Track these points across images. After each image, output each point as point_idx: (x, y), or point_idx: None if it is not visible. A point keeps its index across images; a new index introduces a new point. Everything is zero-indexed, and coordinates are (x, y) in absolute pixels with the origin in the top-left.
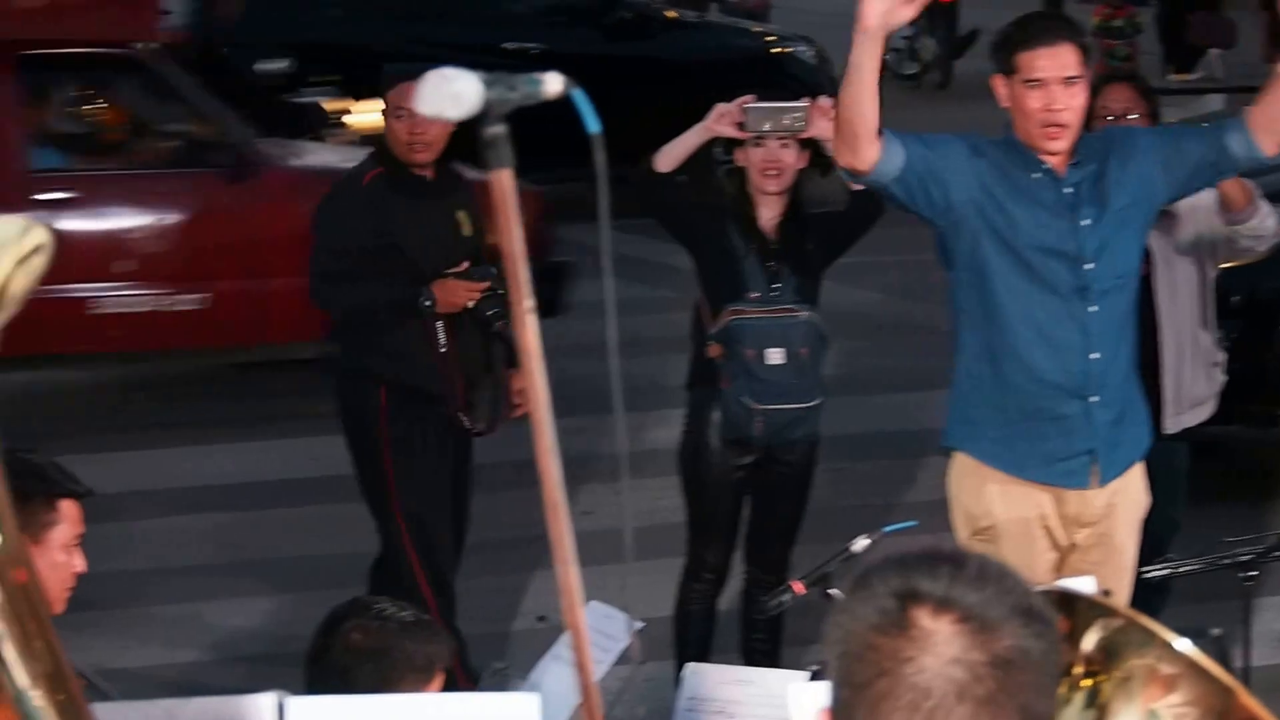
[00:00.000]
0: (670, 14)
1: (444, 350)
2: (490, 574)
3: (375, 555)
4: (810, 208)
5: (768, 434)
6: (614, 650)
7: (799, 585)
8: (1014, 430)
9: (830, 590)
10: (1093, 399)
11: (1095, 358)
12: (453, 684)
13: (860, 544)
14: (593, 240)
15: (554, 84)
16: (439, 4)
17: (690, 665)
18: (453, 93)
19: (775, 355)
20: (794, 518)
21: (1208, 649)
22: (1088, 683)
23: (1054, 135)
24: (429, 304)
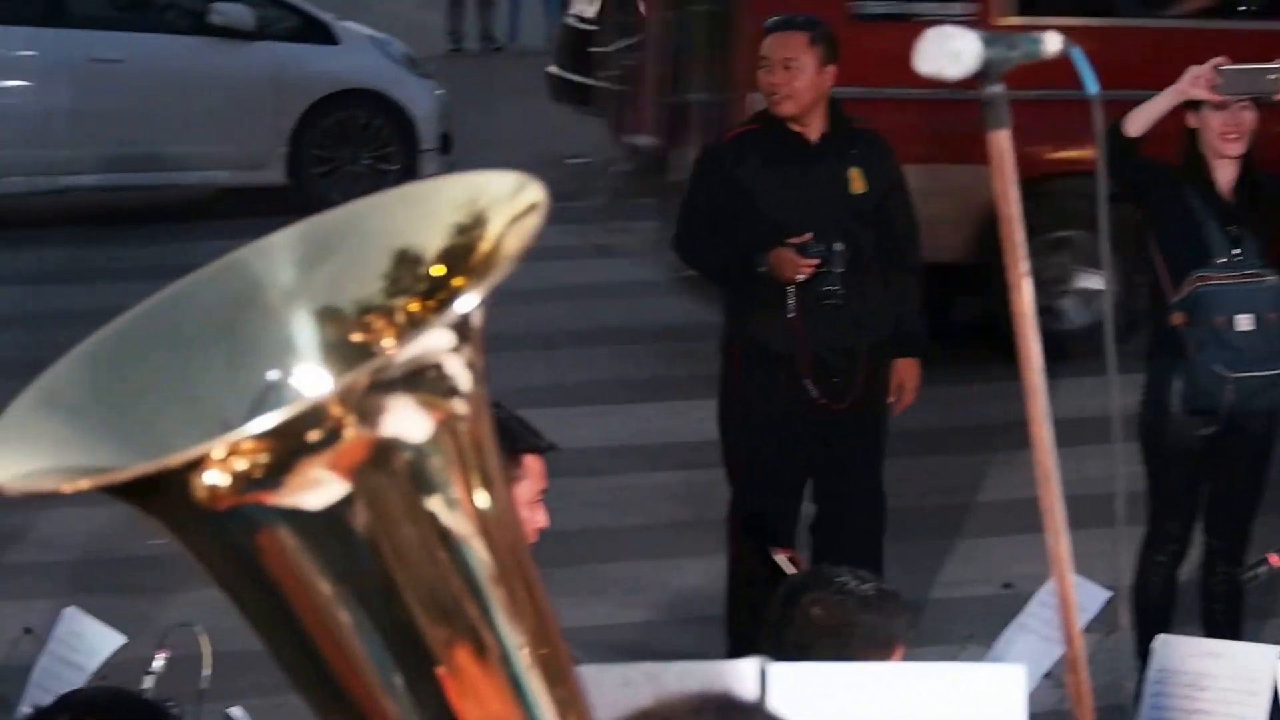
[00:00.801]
0: None
1: (791, 316)
2: (941, 539)
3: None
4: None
5: (1236, 402)
6: (1083, 620)
7: (1275, 558)
8: None
9: None
10: None
11: None
12: None
13: None
14: None
15: (1053, 43)
16: None
17: (1160, 637)
18: (952, 51)
19: (1244, 321)
20: (1256, 488)
21: None
22: None
23: None
24: (764, 270)
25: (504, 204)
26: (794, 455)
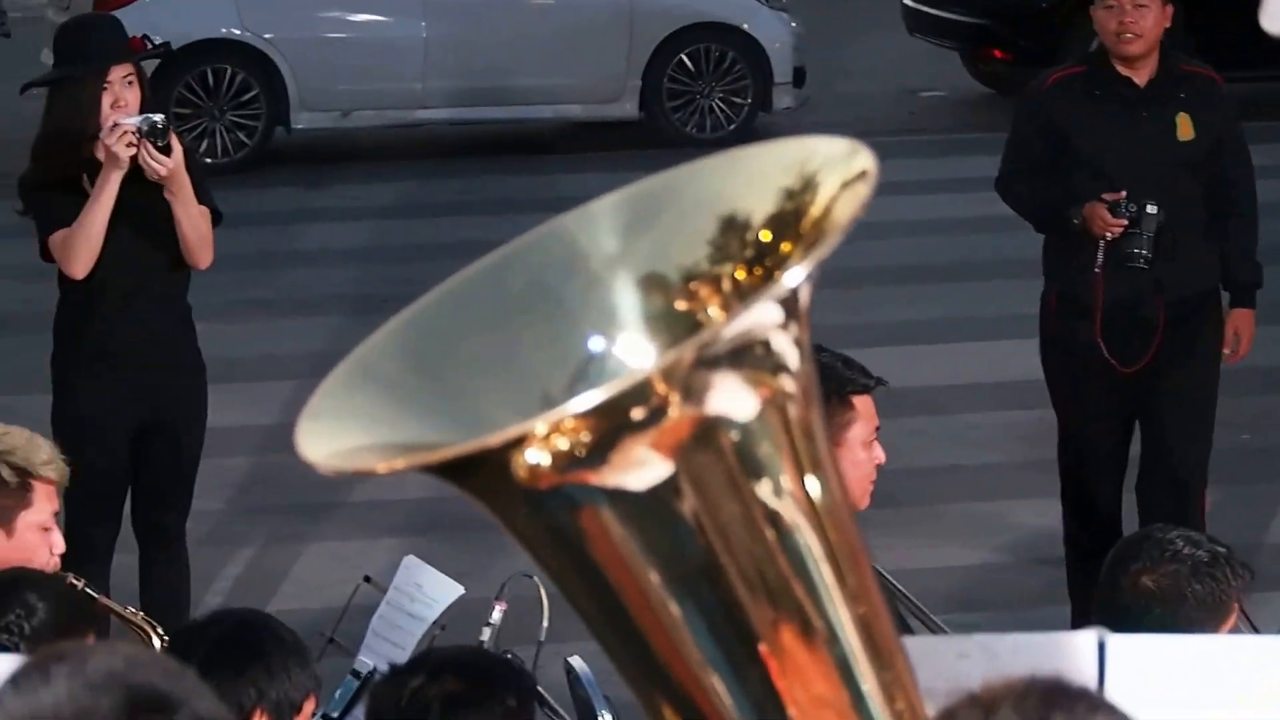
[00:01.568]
0: None
1: (1097, 270)
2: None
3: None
4: None
5: None
6: None
7: None
8: None
9: None
10: None
11: None
12: None
13: None
14: None
15: None
16: None
17: None
18: None
19: None
20: None
21: None
22: None
23: None
24: (1076, 222)
25: (834, 169)
26: (1108, 403)
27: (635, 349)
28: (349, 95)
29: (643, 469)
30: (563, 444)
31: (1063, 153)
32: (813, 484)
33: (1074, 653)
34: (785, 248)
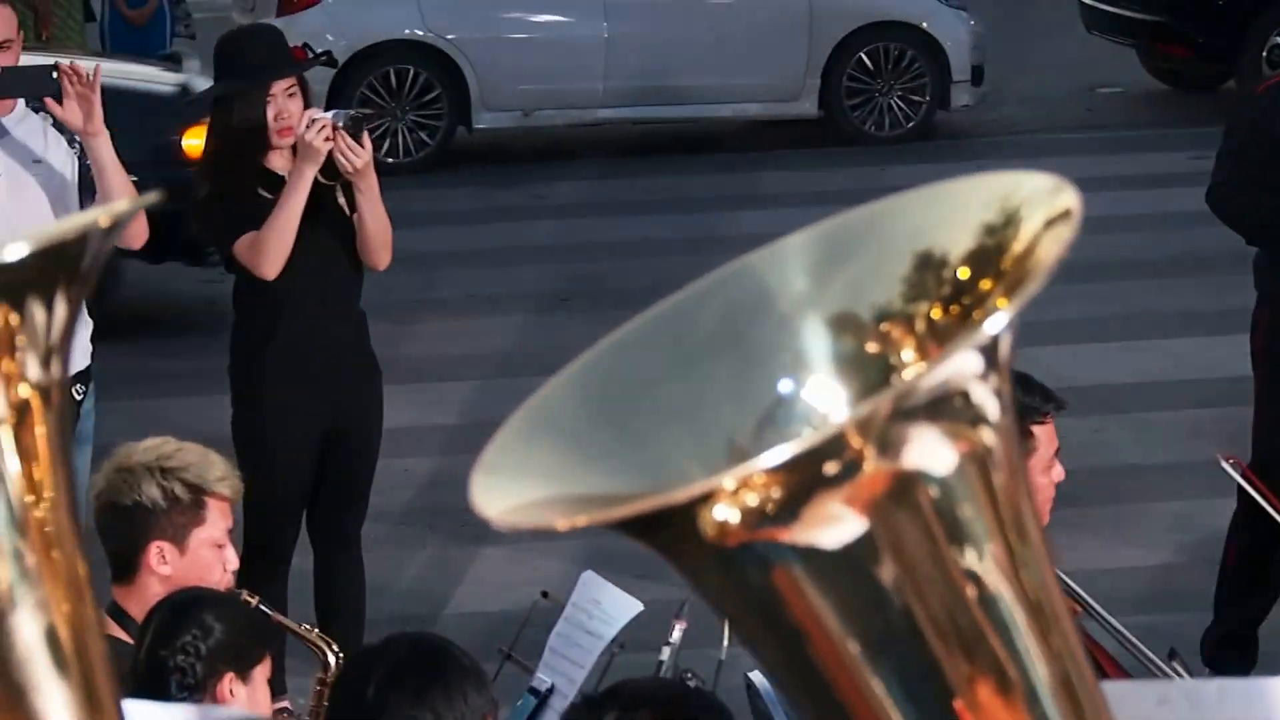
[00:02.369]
0: None
1: None
2: None
3: None
4: None
5: None
6: None
7: None
8: None
9: None
10: None
11: None
12: None
13: None
14: None
15: None
16: None
17: None
18: None
19: None
20: None
21: None
22: None
23: None
24: None
25: (1039, 205)
26: None
27: (826, 394)
28: (530, 95)
29: (836, 526)
30: (752, 499)
31: (1274, 163)
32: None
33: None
34: (985, 285)
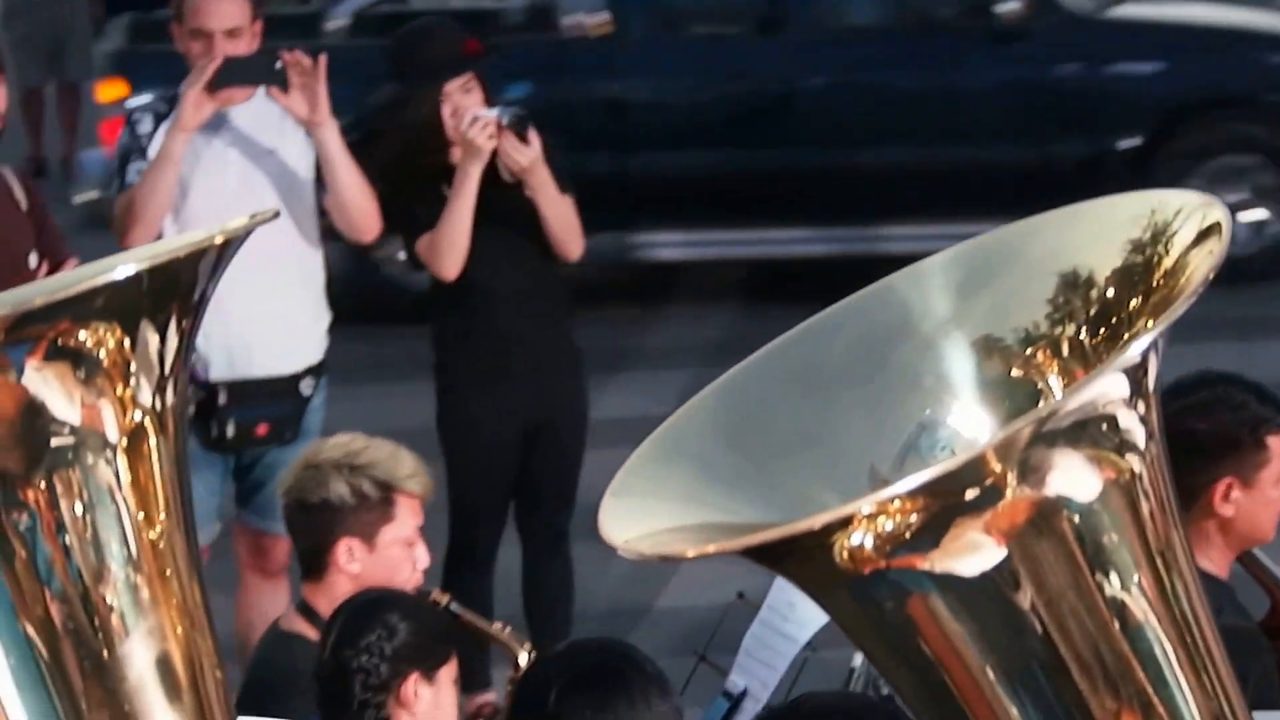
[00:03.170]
0: None
1: None
2: None
3: None
4: None
5: None
6: None
7: None
8: None
9: None
10: None
11: None
12: None
13: None
14: None
15: None
16: None
17: None
18: None
19: None
20: None
21: None
22: None
23: None
24: None
25: (1188, 221)
26: None
27: (970, 420)
28: None
29: (975, 554)
30: (888, 526)
31: None
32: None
33: None
34: (1133, 304)
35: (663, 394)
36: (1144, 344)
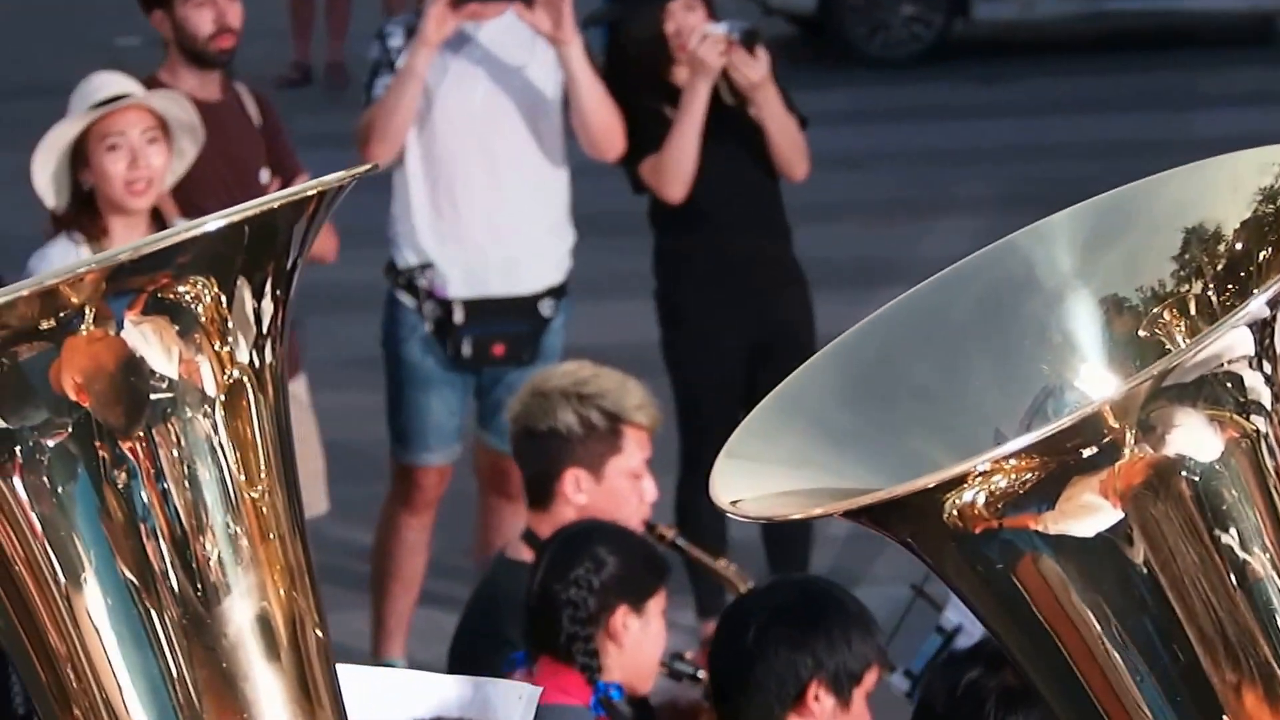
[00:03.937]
0: None
1: None
2: None
3: None
4: None
5: None
6: None
7: None
8: None
9: None
10: None
11: None
12: None
13: None
14: None
15: None
16: None
17: None
18: None
19: None
20: None
21: None
22: None
23: None
24: None
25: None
26: None
27: (1095, 381)
28: None
29: (1090, 514)
30: (1003, 484)
31: None
32: None
33: None
34: (1262, 257)
35: None
36: (1269, 294)
